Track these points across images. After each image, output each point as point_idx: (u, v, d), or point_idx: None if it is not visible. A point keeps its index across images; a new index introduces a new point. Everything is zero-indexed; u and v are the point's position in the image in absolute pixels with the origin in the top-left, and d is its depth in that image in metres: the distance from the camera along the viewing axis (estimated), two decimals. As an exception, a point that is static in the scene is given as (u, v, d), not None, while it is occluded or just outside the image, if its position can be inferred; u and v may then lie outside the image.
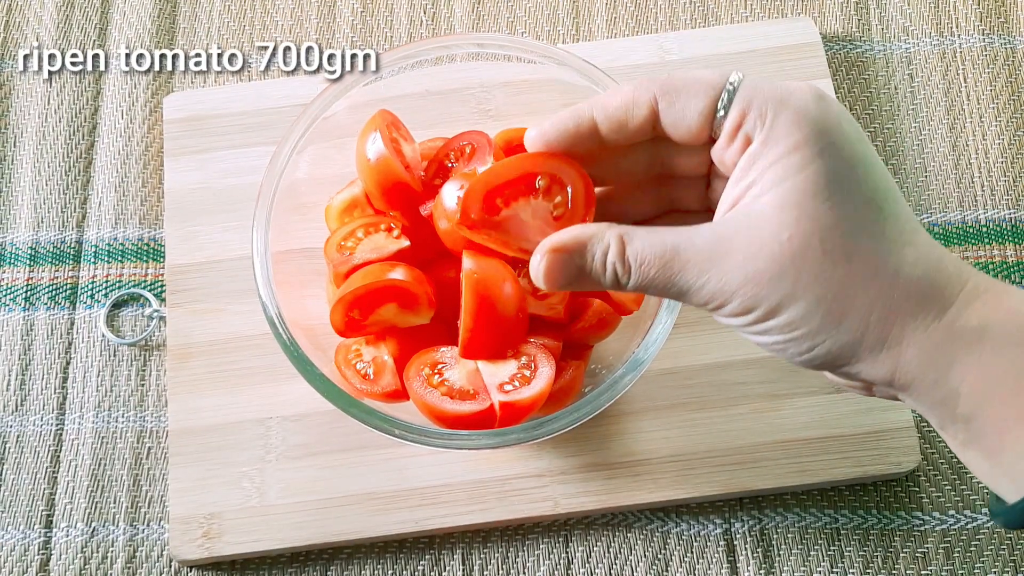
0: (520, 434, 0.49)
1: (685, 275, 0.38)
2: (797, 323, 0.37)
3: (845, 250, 0.37)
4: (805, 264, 0.37)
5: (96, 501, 0.60)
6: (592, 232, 0.40)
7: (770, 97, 0.38)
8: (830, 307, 0.37)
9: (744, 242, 0.37)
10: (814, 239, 0.36)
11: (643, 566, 0.58)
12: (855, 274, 0.37)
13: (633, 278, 0.39)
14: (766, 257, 0.37)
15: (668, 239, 0.39)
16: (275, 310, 0.51)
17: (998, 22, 0.70)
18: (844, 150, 0.37)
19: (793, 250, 0.37)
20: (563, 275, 0.40)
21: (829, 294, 0.37)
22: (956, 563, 0.58)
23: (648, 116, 0.40)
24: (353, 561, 0.59)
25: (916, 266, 0.37)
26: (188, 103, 0.67)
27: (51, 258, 0.65)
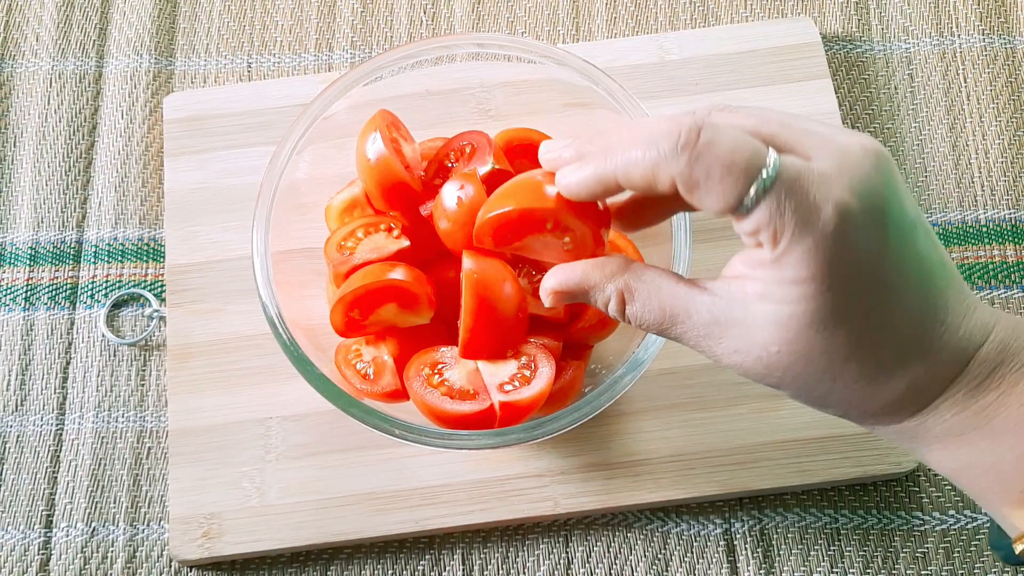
0: (520, 434, 0.49)
1: (682, 339, 0.41)
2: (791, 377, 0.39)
3: (831, 372, 0.38)
4: (789, 375, 0.38)
5: (96, 501, 0.60)
6: (595, 282, 0.42)
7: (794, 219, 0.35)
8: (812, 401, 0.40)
9: (736, 335, 0.38)
10: (801, 359, 0.38)
11: (643, 566, 0.58)
12: (836, 388, 0.39)
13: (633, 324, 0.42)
14: (753, 359, 0.38)
15: (667, 305, 0.40)
16: (275, 310, 0.51)
17: (998, 22, 0.70)
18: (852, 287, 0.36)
19: (780, 362, 0.38)
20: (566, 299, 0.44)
21: (812, 396, 0.39)
22: (956, 563, 0.58)
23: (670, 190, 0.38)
24: (353, 561, 0.59)
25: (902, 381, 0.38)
26: (188, 103, 0.67)
27: (51, 258, 0.65)
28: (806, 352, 0.37)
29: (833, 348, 0.37)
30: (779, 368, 0.38)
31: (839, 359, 0.37)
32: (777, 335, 0.37)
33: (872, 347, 0.37)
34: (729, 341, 0.39)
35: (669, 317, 0.40)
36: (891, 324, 0.37)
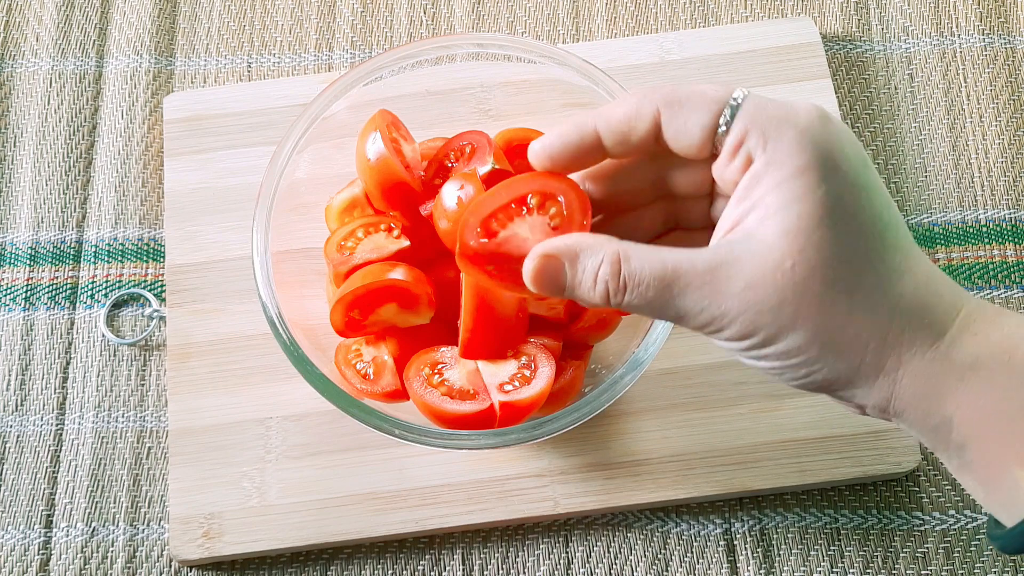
0: (520, 434, 0.49)
1: (684, 299, 0.37)
2: (795, 352, 0.37)
3: (847, 282, 0.37)
4: (807, 294, 0.36)
5: (96, 501, 0.60)
6: (588, 244, 0.39)
7: (773, 116, 0.37)
8: (829, 337, 0.37)
9: (746, 268, 0.37)
10: (817, 270, 0.36)
11: (643, 566, 0.58)
12: (855, 306, 0.37)
13: (628, 297, 0.38)
14: (768, 286, 0.36)
15: (668, 260, 0.38)
16: (275, 310, 0.51)
17: (998, 22, 0.70)
18: (848, 175, 0.37)
19: (795, 280, 0.36)
20: (551, 282, 0.40)
21: (829, 325, 0.37)
22: (956, 563, 0.58)
23: (651, 127, 0.39)
24: (353, 561, 0.59)
25: (914, 297, 0.37)
26: (188, 103, 0.67)
27: (51, 258, 0.65)
28: (820, 260, 0.36)
29: (845, 250, 0.36)
30: (796, 287, 0.36)
31: (853, 265, 0.36)
32: (789, 245, 0.36)
33: (879, 249, 0.37)
34: (738, 278, 0.36)
35: (671, 269, 0.37)
36: (890, 228, 0.37)
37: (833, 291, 0.36)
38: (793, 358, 0.37)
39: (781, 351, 0.37)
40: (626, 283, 0.38)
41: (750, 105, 0.38)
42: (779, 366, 0.38)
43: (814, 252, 0.36)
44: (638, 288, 0.38)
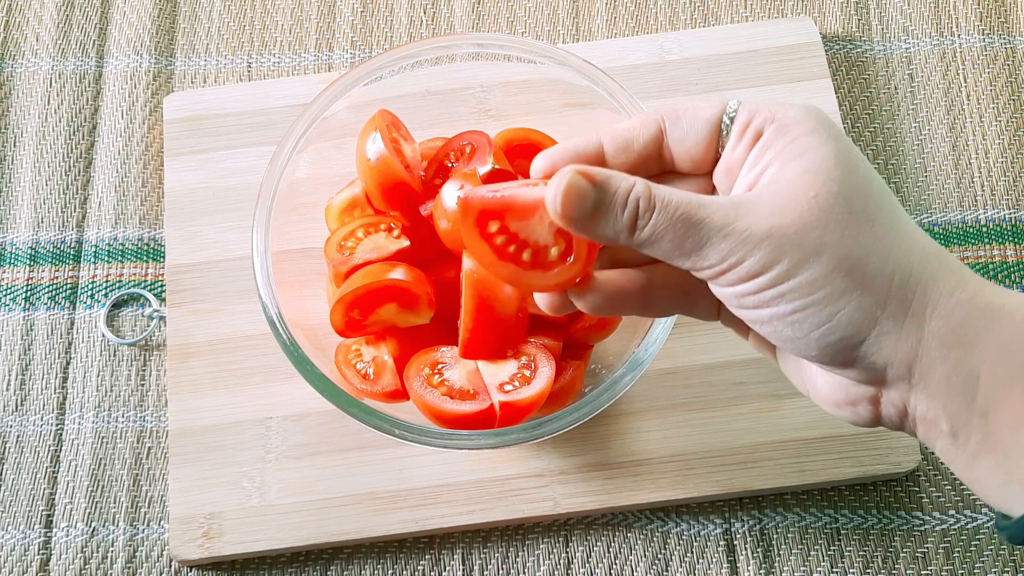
0: (520, 434, 0.49)
1: (707, 225, 0.37)
2: (820, 282, 0.36)
3: (868, 213, 0.37)
4: (831, 219, 0.36)
5: (96, 501, 0.60)
6: (616, 172, 0.38)
7: (774, 104, 0.39)
8: (854, 266, 0.36)
9: (768, 201, 0.37)
10: (840, 199, 0.36)
11: (643, 566, 0.58)
12: (878, 236, 0.36)
13: (655, 218, 0.37)
14: (792, 212, 0.36)
15: (691, 193, 0.38)
16: (275, 310, 0.51)
17: (998, 22, 0.70)
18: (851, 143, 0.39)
19: (820, 206, 0.36)
20: (581, 201, 0.38)
21: (853, 252, 0.36)
22: (956, 563, 0.58)
23: (654, 135, 0.40)
24: (353, 561, 0.59)
25: (930, 244, 0.37)
26: (188, 103, 0.67)
27: (51, 258, 0.65)
28: (841, 192, 0.36)
29: (863, 185, 0.37)
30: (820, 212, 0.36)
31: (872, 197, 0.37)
32: (811, 180, 0.36)
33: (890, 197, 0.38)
34: (762, 207, 0.37)
35: (695, 199, 0.37)
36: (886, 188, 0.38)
37: (856, 220, 0.36)
38: (818, 290, 0.36)
39: (805, 282, 0.36)
40: (655, 203, 0.37)
41: (750, 102, 0.40)
42: (802, 304, 0.37)
43: (836, 185, 0.36)
44: (666, 208, 0.37)
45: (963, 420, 0.37)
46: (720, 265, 0.37)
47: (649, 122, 0.41)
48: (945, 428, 0.37)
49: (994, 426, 0.36)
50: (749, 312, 0.38)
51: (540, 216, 0.40)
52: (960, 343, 0.36)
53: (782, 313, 0.37)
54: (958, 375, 0.36)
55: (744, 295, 0.37)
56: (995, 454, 0.36)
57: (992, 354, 0.36)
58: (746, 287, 0.37)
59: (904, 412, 0.38)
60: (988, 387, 0.36)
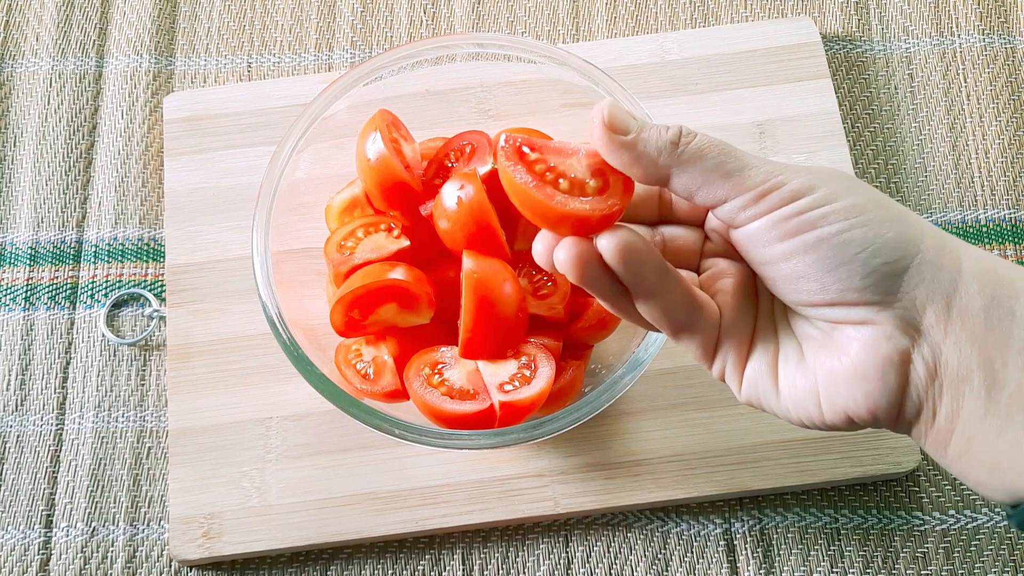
0: (520, 434, 0.49)
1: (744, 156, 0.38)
2: (861, 207, 0.37)
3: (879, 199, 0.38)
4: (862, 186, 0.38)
5: (96, 501, 0.60)
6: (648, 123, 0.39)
7: None
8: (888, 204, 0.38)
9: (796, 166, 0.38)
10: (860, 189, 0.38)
11: (643, 566, 0.58)
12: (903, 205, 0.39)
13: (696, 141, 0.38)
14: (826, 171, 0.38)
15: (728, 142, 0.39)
16: (275, 310, 0.51)
17: (998, 22, 0.70)
18: None
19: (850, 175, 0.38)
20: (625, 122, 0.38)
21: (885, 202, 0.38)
22: (956, 563, 0.58)
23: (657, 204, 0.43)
24: (353, 561, 0.59)
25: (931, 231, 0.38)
26: (188, 103, 0.67)
27: (51, 258, 0.65)
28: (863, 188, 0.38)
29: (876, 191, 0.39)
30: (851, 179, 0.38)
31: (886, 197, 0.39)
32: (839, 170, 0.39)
33: None
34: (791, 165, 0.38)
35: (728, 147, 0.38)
36: None
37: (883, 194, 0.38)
38: (861, 214, 0.37)
39: (848, 206, 0.37)
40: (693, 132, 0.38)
41: None
42: (847, 226, 0.37)
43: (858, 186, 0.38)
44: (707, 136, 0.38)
45: (1000, 361, 0.36)
46: (764, 185, 0.37)
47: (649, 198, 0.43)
48: (977, 381, 0.36)
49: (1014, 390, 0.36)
50: (788, 243, 0.37)
51: (578, 158, 0.40)
52: (996, 281, 0.37)
53: (828, 235, 0.37)
54: (996, 309, 0.36)
55: (788, 217, 0.37)
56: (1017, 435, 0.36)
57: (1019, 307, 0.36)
58: (791, 208, 0.37)
59: (934, 371, 0.37)
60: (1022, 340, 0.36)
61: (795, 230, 0.37)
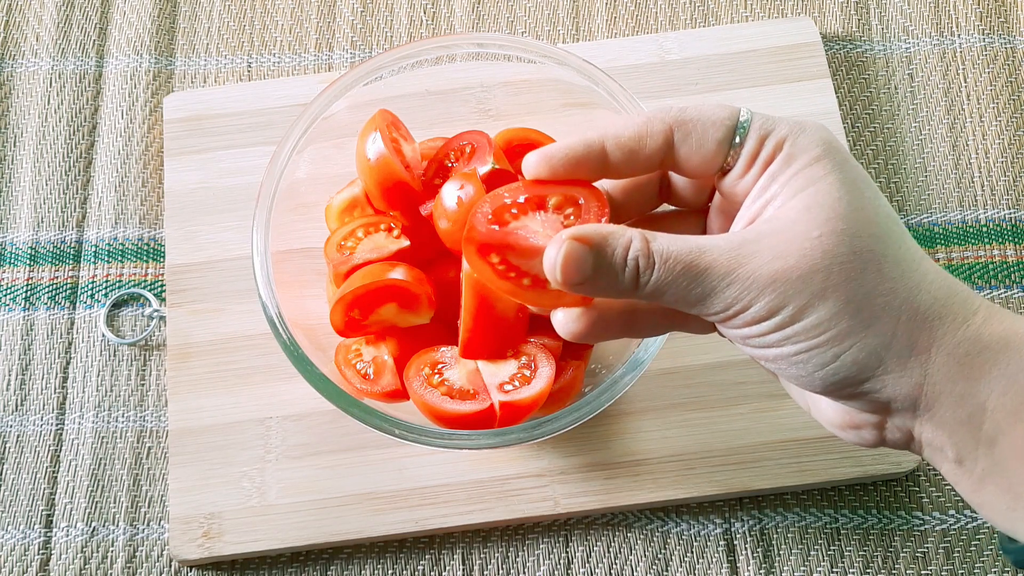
0: (520, 434, 0.49)
1: (710, 275, 0.37)
2: (825, 325, 0.36)
3: (873, 252, 0.36)
4: (835, 261, 0.36)
5: (96, 501, 0.60)
6: (613, 228, 0.39)
7: (787, 123, 0.39)
8: (860, 307, 0.36)
9: (771, 242, 0.36)
10: (844, 237, 0.36)
11: (643, 566, 0.58)
12: (884, 276, 0.36)
13: (656, 274, 0.37)
14: (795, 254, 0.36)
15: (691, 240, 0.38)
16: (275, 310, 0.51)
17: (998, 22, 0.70)
18: (859, 170, 0.38)
19: (824, 247, 0.36)
20: (580, 268, 0.38)
21: (858, 292, 0.36)
22: (956, 563, 0.58)
23: (662, 145, 0.40)
24: (353, 561, 0.59)
25: (938, 276, 0.37)
26: (188, 103, 0.67)
27: (51, 258, 0.65)
28: (846, 229, 0.36)
29: (868, 222, 0.36)
30: (824, 255, 0.36)
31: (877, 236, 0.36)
32: (814, 218, 0.36)
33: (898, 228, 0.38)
34: (765, 250, 0.36)
35: (696, 247, 0.37)
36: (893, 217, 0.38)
37: (861, 259, 0.36)
38: (823, 334, 0.36)
39: (810, 326, 0.36)
40: (655, 259, 0.37)
41: (761, 118, 0.39)
42: (806, 347, 0.37)
43: (839, 222, 0.36)
44: (667, 264, 0.37)
45: (969, 449, 0.37)
46: (726, 312, 0.37)
47: (656, 131, 0.40)
48: (951, 455, 0.37)
49: (1000, 455, 0.36)
50: (754, 351, 0.38)
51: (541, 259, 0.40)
52: (966, 377, 0.36)
53: (787, 354, 0.37)
54: (963, 407, 0.36)
55: (749, 337, 0.38)
56: (1001, 481, 0.36)
57: (998, 387, 0.36)
58: (751, 331, 0.37)
59: (909, 436, 0.38)
60: (994, 418, 0.36)
61: (757, 346, 0.38)
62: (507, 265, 0.41)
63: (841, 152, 0.38)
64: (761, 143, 0.39)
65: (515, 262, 0.41)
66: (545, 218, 0.42)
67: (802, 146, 0.38)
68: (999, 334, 0.36)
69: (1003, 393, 0.36)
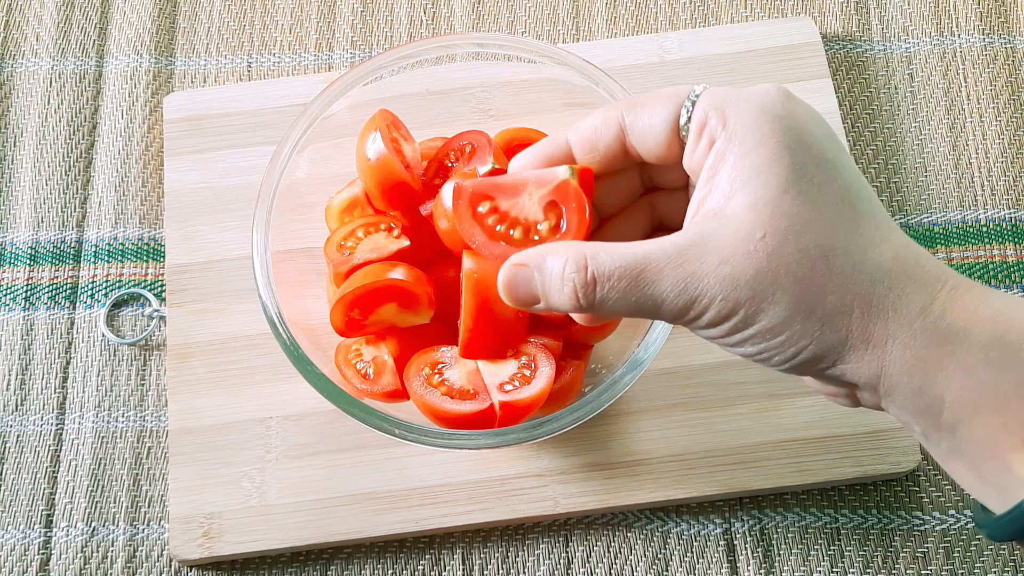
0: (520, 434, 0.49)
1: (658, 286, 0.36)
2: (779, 327, 0.36)
3: (822, 247, 0.35)
4: (782, 261, 0.35)
5: (96, 501, 0.60)
6: (554, 248, 0.39)
7: (732, 96, 0.38)
8: (811, 308, 0.36)
9: (717, 245, 0.36)
10: (789, 236, 0.35)
11: (643, 566, 0.58)
12: (834, 271, 0.36)
13: (599, 293, 0.37)
14: (741, 258, 0.35)
15: (637, 250, 0.37)
16: (275, 310, 0.51)
17: (998, 22, 0.70)
18: (812, 148, 0.37)
19: (768, 249, 0.35)
20: (525, 293, 0.39)
21: (809, 291, 0.35)
22: (956, 563, 0.58)
23: (616, 132, 0.40)
24: (353, 561, 0.59)
25: (895, 263, 0.36)
26: (188, 103, 0.67)
27: (51, 258, 0.65)
28: (791, 227, 0.35)
29: (815, 215, 0.35)
30: (770, 258, 0.35)
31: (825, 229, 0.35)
32: (757, 216, 0.35)
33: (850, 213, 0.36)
34: (710, 255, 0.36)
35: (642, 257, 0.37)
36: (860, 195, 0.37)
37: (808, 257, 0.35)
38: (778, 335, 0.36)
39: (765, 328, 0.36)
40: (594, 278, 0.37)
41: (710, 92, 0.38)
42: (765, 347, 0.37)
43: (783, 220, 0.35)
44: (608, 282, 0.37)
45: (932, 430, 0.37)
46: (682, 318, 0.37)
47: (610, 121, 0.40)
48: (917, 431, 0.37)
49: (962, 440, 0.36)
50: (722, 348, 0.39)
51: (529, 193, 0.41)
52: (923, 371, 0.36)
53: (749, 352, 0.38)
54: (922, 398, 0.36)
55: (711, 338, 0.38)
56: (965, 460, 0.36)
57: (956, 379, 0.35)
58: (709, 333, 0.38)
59: (880, 406, 0.38)
60: (953, 409, 0.35)
61: (720, 345, 0.38)
62: (497, 216, 0.41)
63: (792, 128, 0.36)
64: (706, 116, 0.38)
65: (505, 206, 0.41)
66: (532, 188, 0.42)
67: (747, 122, 0.37)
68: (959, 323, 0.35)
69: (961, 386, 0.35)
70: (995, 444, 0.35)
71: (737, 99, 0.37)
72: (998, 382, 0.35)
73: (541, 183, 0.41)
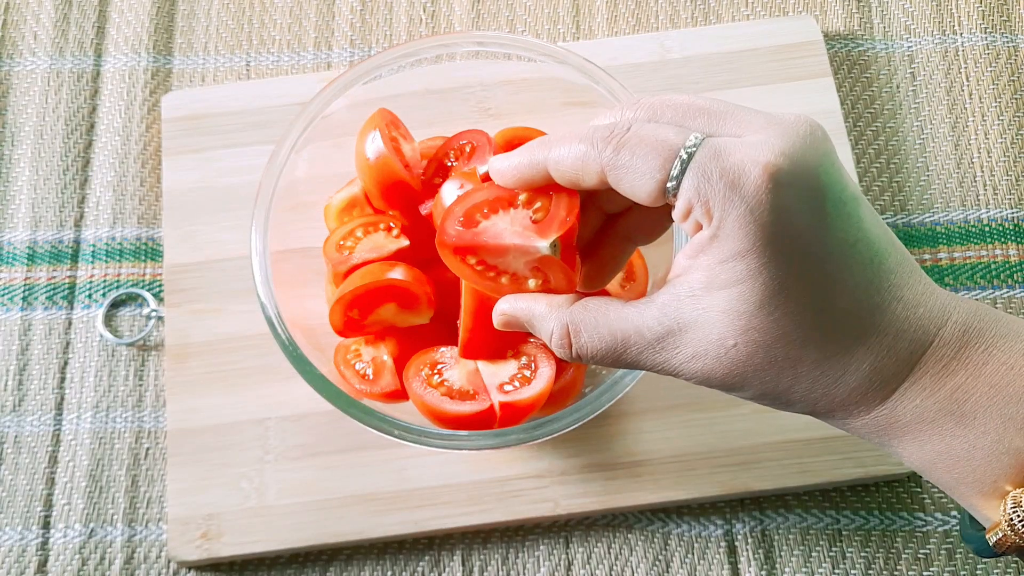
0: (520, 434, 0.49)
1: (638, 362, 0.39)
2: (752, 399, 0.39)
3: (790, 358, 0.37)
4: (750, 369, 0.37)
5: (94, 502, 0.59)
6: (540, 312, 0.41)
7: (719, 187, 0.35)
8: (776, 399, 0.38)
9: (692, 339, 0.38)
10: (760, 349, 0.37)
11: (644, 567, 0.58)
12: (800, 378, 0.38)
13: (585, 360, 0.41)
14: (712, 359, 0.37)
15: (616, 329, 0.39)
16: (274, 310, 0.51)
17: (1000, 20, 0.70)
18: (795, 262, 0.36)
19: (739, 357, 0.37)
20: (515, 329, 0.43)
21: (775, 391, 0.38)
22: (958, 564, 0.58)
23: (598, 184, 0.38)
24: (353, 562, 0.58)
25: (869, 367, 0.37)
26: (186, 102, 0.66)
27: (49, 257, 0.65)
28: (763, 340, 0.36)
29: (789, 330, 0.36)
30: (739, 363, 0.37)
31: (797, 342, 0.36)
32: (731, 325, 0.36)
33: (828, 326, 0.36)
34: (685, 348, 0.38)
35: (621, 341, 0.39)
36: (844, 299, 0.37)
37: (777, 368, 0.37)
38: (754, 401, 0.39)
39: (741, 396, 0.39)
40: (579, 354, 0.40)
41: (699, 164, 0.36)
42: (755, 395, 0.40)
43: (756, 334, 0.37)
44: (591, 357, 0.40)
45: None
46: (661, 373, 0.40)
47: (591, 170, 0.38)
48: None
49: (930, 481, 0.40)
50: None
51: (513, 255, 0.42)
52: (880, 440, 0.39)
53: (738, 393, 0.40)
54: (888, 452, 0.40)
55: None
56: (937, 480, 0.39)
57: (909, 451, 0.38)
58: None
59: None
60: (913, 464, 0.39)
61: None
62: (484, 265, 0.43)
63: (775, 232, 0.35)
64: (690, 205, 0.36)
65: (491, 262, 0.42)
66: (515, 215, 0.42)
67: (731, 228, 0.35)
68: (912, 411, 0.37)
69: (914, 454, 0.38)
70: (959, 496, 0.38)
71: (725, 190, 0.35)
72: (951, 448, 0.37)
73: (523, 252, 0.42)
